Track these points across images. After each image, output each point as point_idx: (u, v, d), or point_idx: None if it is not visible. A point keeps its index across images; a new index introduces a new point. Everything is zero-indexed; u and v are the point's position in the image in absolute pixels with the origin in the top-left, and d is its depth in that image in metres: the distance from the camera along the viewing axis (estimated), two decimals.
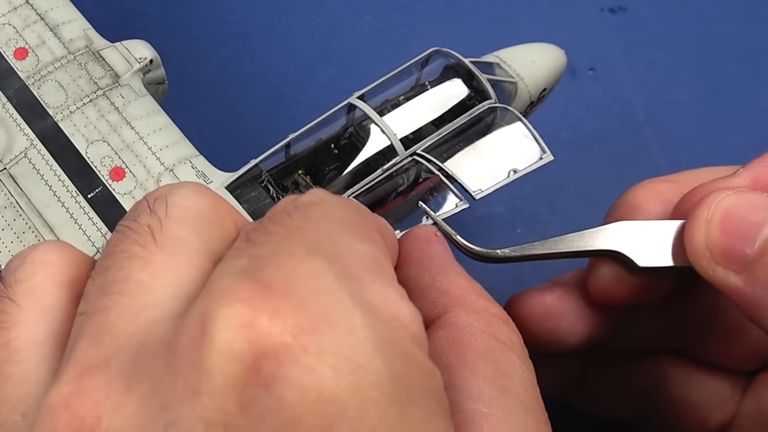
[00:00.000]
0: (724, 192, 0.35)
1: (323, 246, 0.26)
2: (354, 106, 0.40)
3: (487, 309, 0.32)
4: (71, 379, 0.24)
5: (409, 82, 0.41)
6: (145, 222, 0.28)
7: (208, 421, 0.22)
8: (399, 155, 0.39)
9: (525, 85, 0.43)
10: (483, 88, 0.40)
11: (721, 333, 0.41)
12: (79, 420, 0.24)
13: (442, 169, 0.38)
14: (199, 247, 0.28)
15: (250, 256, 0.26)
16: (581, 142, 0.60)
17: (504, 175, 0.38)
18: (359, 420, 0.23)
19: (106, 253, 0.28)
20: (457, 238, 0.36)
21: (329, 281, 0.24)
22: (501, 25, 0.60)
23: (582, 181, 0.59)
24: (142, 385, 0.24)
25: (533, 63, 0.43)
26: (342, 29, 0.63)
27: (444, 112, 0.39)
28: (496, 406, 0.29)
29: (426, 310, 0.32)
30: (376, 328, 0.24)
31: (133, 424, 0.23)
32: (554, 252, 0.37)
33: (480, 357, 0.31)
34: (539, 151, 0.39)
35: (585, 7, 0.65)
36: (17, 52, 0.44)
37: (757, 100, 0.63)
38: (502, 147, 0.39)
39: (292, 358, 0.23)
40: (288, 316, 0.23)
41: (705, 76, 0.64)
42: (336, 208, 0.28)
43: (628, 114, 0.62)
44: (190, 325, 0.24)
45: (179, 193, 0.29)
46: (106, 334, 0.25)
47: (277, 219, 0.27)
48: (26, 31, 0.45)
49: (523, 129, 0.39)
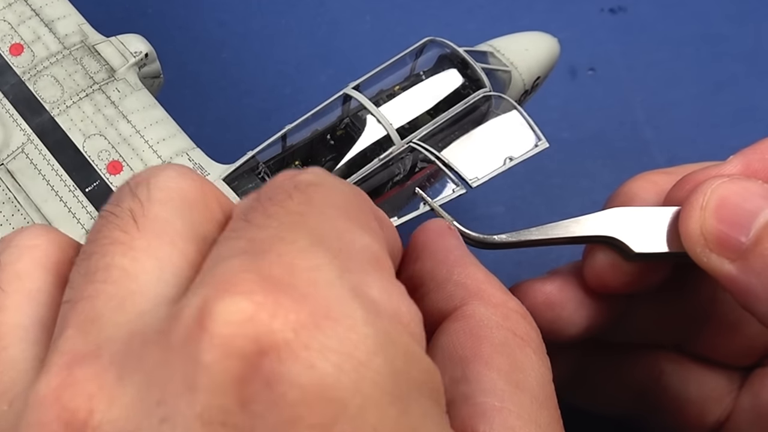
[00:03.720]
0: (719, 179, 0.35)
1: (326, 236, 0.25)
2: (350, 97, 0.40)
3: (505, 303, 0.32)
4: (60, 370, 0.24)
5: (404, 72, 0.41)
6: (127, 206, 0.27)
7: (206, 419, 0.22)
8: (395, 145, 0.39)
9: (519, 73, 0.43)
10: (477, 77, 0.40)
11: (718, 327, 0.41)
12: (71, 413, 0.23)
13: (439, 157, 0.38)
14: (182, 229, 0.27)
15: (249, 239, 0.25)
16: (581, 142, 0.60)
17: (500, 163, 0.38)
18: (360, 418, 0.22)
19: (90, 239, 0.27)
20: (454, 224, 0.36)
21: (331, 275, 0.24)
22: (501, 25, 0.60)
23: (582, 181, 0.59)
24: (135, 377, 0.23)
25: (526, 51, 0.43)
26: (341, 29, 0.63)
27: (439, 101, 0.39)
28: (509, 401, 0.29)
29: (442, 302, 0.32)
30: (377, 325, 0.23)
31: (127, 417, 0.23)
32: (550, 238, 0.37)
33: (496, 351, 0.30)
34: (534, 138, 0.39)
35: (585, 7, 0.65)
36: (12, 48, 0.44)
37: (757, 100, 0.63)
38: (498, 135, 0.39)
39: (293, 355, 0.22)
40: (289, 311, 0.22)
41: (705, 76, 0.63)
42: (337, 193, 0.27)
43: (628, 114, 0.62)
44: (187, 317, 0.23)
45: (162, 176, 0.28)
46: (94, 324, 0.25)
47: (278, 200, 0.26)
48: (21, 27, 0.45)
49: (518, 117, 0.39)
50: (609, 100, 0.62)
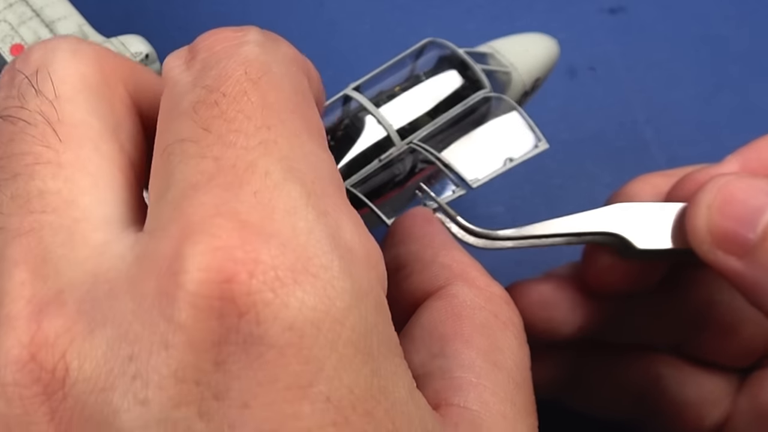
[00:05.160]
0: (724, 177, 0.35)
1: (297, 163, 0.24)
2: (350, 98, 0.40)
3: (488, 287, 0.32)
4: (29, 323, 0.23)
5: (404, 73, 0.41)
6: (36, 108, 0.25)
7: (180, 377, 0.21)
8: (396, 146, 0.39)
9: (519, 74, 0.43)
10: (477, 78, 0.40)
11: (715, 329, 0.41)
12: (49, 374, 0.22)
13: (439, 158, 0.38)
14: (100, 128, 0.25)
15: (215, 159, 0.24)
16: (581, 142, 0.60)
17: (500, 164, 0.38)
18: (336, 379, 0.22)
19: (4, 152, 0.25)
20: (458, 219, 0.36)
21: (309, 219, 0.23)
22: (500, 25, 0.60)
23: (582, 181, 0.59)
24: (106, 330, 0.22)
25: (526, 52, 0.43)
26: (341, 30, 0.63)
27: (439, 102, 0.39)
28: (485, 377, 0.29)
29: (426, 282, 0.32)
30: (354, 275, 0.23)
31: (99, 374, 0.22)
32: (554, 234, 0.37)
33: (476, 330, 0.30)
34: (534, 139, 0.39)
35: (584, 7, 0.65)
36: (13, 49, 0.44)
37: (757, 100, 0.63)
38: (498, 136, 0.39)
39: (272, 316, 0.22)
40: (269, 267, 0.22)
41: (704, 76, 0.63)
42: (288, 85, 0.26)
43: (628, 114, 0.62)
44: (159, 267, 0.22)
45: (58, 61, 0.26)
46: (47, 264, 0.23)
47: (233, 97, 0.25)
48: (22, 28, 0.45)
49: (518, 118, 0.39)
50: (609, 101, 0.62)
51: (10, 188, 0.24)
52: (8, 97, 0.26)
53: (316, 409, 0.22)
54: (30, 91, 0.26)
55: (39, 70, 0.26)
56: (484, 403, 0.28)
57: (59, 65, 0.26)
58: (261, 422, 0.21)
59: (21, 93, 0.26)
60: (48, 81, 0.26)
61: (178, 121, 0.25)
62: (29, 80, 0.26)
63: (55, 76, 0.26)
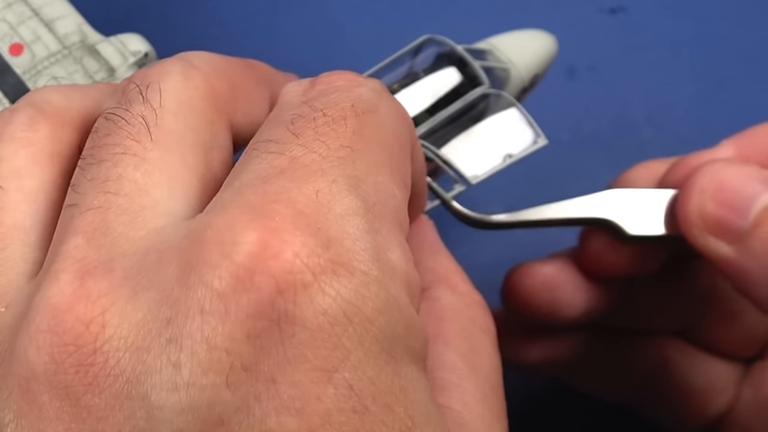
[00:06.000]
0: (717, 163, 0.35)
1: (365, 184, 0.25)
2: None
3: (469, 293, 0.33)
4: (73, 279, 0.23)
5: (402, 70, 0.41)
6: (139, 112, 0.27)
7: (212, 344, 0.22)
8: None
9: (517, 70, 0.43)
10: (476, 75, 0.40)
11: (717, 315, 0.41)
12: (84, 325, 0.23)
13: (438, 155, 0.38)
14: (193, 142, 0.27)
15: (291, 159, 0.25)
16: (580, 142, 0.60)
17: (499, 160, 0.38)
18: (360, 370, 0.23)
19: (97, 142, 0.26)
20: (453, 204, 0.37)
21: (361, 228, 0.24)
22: (500, 25, 0.60)
23: (581, 181, 0.58)
24: (149, 294, 0.23)
25: (524, 49, 0.43)
26: (342, 29, 0.63)
27: (438, 99, 0.39)
28: (466, 380, 0.30)
29: None
30: (390, 289, 0.24)
31: (137, 335, 0.23)
32: (547, 218, 0.37)
33: (456, 334, 0.31)
34: (533, 135, 0.39)
35: (584, 7, 0.65)
36: (12, 48, 0.44)
37: (756, 100, 0.63)
38: (497, 132, 0.39)
39: (309, 299, 0.22)
40: (313, 254, 0.23)
41: (704, 76, 0.63)
42: (388, 129, 0.27)
43: (627, 114, 0.62)
44: (210, 238, 0.23)
45: (171, 80, 0.28)
46: (105, 237, 0.24)
47: (332, 118, 0.26)
48: (21, 27, 0.45)
49: (516, 114, 0.39)
50: (608, 100, 0.62)
51: (92, 171, 0.26)
52: (117, 101, 0.27)
53: (339, 393, 0.22)
54: (138, 98, 0.27)
55: (150, 85, 0.27)
56: (466, 404, 0.29)
57: (171, 84, 0.27)
58: (286, 399, 0.22)
59: (128, 99, 0.27)
60: (157, 93, 0.27)
61: (273, 126, 0.27)
62: (140, 89, 0.27)
63: (165, 91, 0.27)
